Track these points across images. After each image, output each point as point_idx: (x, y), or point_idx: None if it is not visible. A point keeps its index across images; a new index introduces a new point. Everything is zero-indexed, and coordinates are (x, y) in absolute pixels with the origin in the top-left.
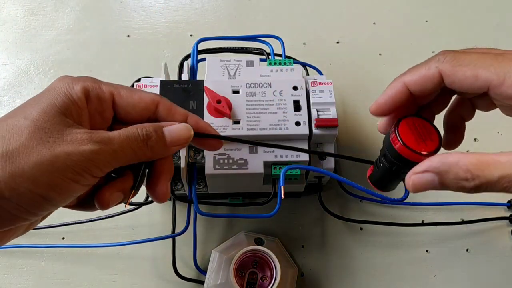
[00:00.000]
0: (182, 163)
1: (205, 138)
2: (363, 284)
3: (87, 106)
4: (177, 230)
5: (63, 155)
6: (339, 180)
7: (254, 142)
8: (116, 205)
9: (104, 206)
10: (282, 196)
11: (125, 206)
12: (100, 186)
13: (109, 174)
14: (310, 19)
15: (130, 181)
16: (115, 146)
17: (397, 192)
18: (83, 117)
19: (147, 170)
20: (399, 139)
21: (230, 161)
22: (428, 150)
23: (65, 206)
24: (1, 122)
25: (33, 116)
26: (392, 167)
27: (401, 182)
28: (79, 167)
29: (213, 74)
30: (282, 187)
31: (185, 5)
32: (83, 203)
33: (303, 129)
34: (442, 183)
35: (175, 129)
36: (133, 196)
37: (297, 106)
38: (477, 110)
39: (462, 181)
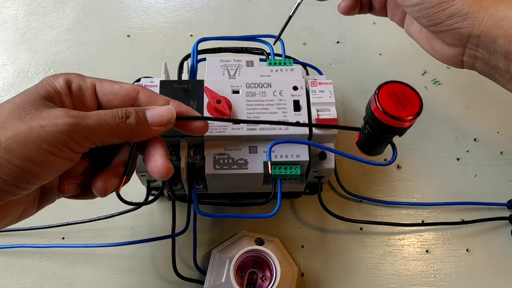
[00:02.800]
0: (182, 163)
1: (190, 122)
2: (363, 284)
3: (70, 95)
4: (177, 230)
5: (37, 127)
6: (334, 152)
7: (239, 120)
8: (112, 191)
9: (102, 192)
10: (270, 172)
11: (119, 191)
12: (95, 174)
13: (103, 160)
14: (310, 19)
15: (123, 167)
16: (91, 121)
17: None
18: (66, 104)
19: (138, 155)
20: (379, 106)
21: (230, 161)
22: (408, 115)
23: (67, 197)
24: None
25: (16, 100)
26: (376, 133)
27: (388, 146)
28: (54, 139)
29: (213, 74)
30: (269, 162)
31: (185, 5)
32: (83, 192)
33: (303, 129)
34: None
35: (157, 110)
36: (125, 182)
37: (297, 106)
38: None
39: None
